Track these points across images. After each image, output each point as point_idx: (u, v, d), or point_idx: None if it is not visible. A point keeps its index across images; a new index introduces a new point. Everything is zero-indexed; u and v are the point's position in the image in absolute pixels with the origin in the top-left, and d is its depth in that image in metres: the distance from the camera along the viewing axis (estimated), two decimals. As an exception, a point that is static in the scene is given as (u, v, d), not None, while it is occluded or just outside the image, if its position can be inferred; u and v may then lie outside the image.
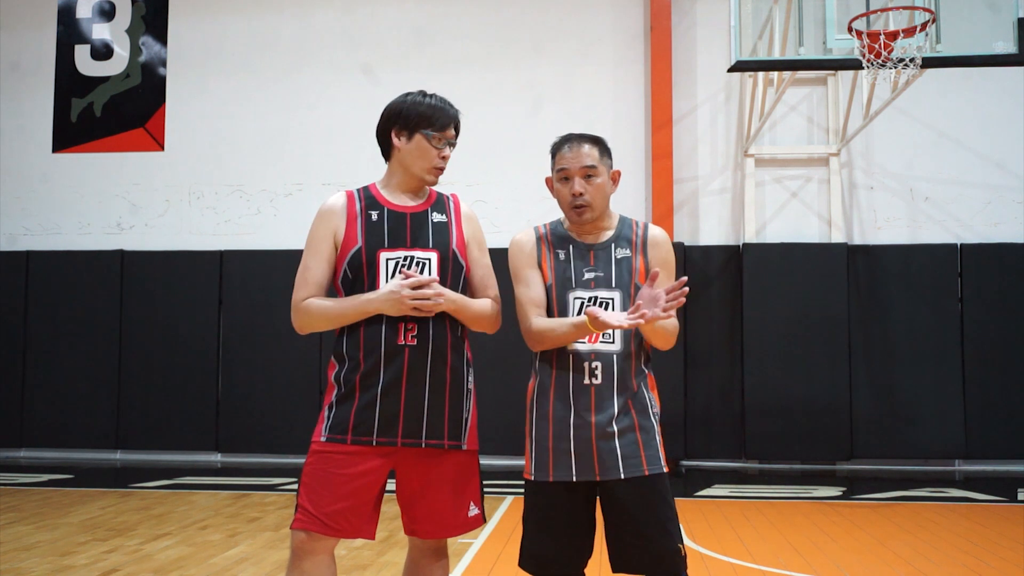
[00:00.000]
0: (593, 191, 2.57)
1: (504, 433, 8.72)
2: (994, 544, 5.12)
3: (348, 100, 9.39)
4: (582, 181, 2.58)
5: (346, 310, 2.47)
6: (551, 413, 2.55)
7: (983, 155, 8.93)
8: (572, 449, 2.51)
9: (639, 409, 2.54)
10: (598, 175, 2.58)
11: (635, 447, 2.51)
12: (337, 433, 2.46)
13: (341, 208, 2.56)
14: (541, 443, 2.57)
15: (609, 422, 2.50)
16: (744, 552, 4.83)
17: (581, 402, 2.52)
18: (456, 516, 2.52)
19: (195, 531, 5.41)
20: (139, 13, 9.82)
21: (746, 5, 6.56)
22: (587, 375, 2.52)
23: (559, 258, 2.61)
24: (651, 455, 2.52)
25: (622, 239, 2.62)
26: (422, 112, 2.55)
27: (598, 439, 2.50)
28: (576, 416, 2.52)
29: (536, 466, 2.58)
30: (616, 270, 2.57)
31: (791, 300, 8.52)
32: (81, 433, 9.20)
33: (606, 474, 2.49)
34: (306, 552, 2.41)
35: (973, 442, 8.38)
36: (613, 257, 2.59)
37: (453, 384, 2.51)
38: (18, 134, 9.87)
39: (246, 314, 9.15)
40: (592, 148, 2.60)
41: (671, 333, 2.55)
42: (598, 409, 2.51)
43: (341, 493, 2.41)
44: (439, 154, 2.55)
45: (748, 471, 8.41)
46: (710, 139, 9.25)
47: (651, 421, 2.56)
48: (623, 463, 2.49)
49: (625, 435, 2.51)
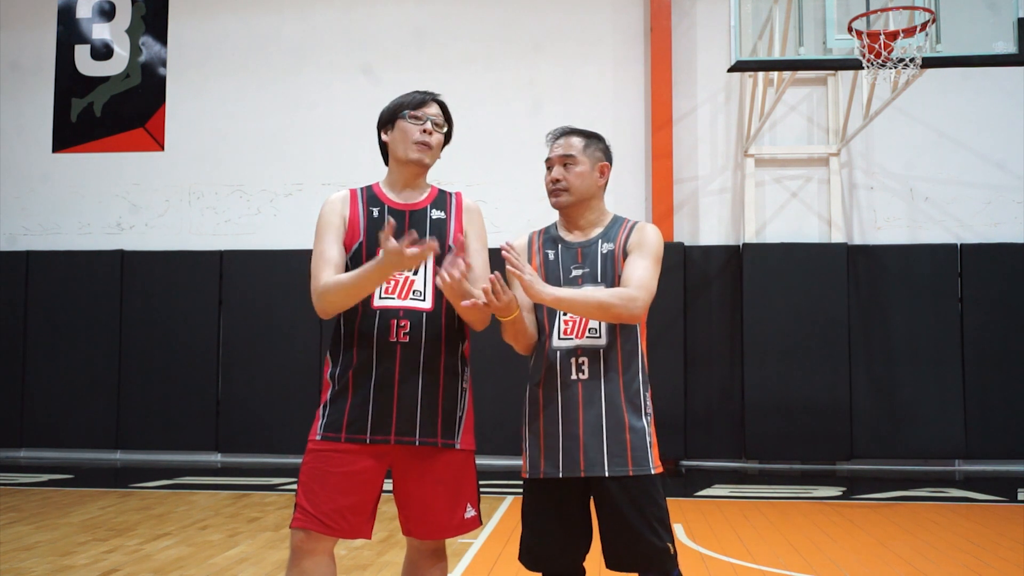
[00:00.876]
0: (571, 177, 2.64)
1: (504, 433, 8.73)
2: (994, 544, 5.12)
3: (348, 100, 9.39)
4: (560, 168, 2.65)
5: (359, 277, 2.40)
6: (541, 410, 2.58)
7: (983, 155, 8.92)
8: (560, 445, 2.53)
9: (629, 406, 2.54)
10: (577, 164, 2.64)
11: (622, 445, 2.51)
12: (332, 432, 2.46)
13: (344, 203, 2.59)
14: (533, 440, 2.59)
15: (596, 418, 2.51)
16: (744, 552, 4.83)
17: (569, 398, 2.53)
18: (452, 517, 2.51)
19: (195, 531, 5.41)
20: (139, 13, 9.82)
21: (746, 5, 6.56)
22: (574, 370, 2.54)
23: (548, 258, 2.66)
24: (638, 455, 2.52)
25: (609, 235, 2.65)
26: (398, 102, 2.62)
27: (585, 435, 2.51)
28: (564, 412, 2.53)
29: (530, 463, 2.60)
30: (602, 265, 2.61)
31: (791, 300, 8.52)
32: (81, 433, 9.20)
33: (591, 470, 2.50)
34: (305, 551, 2.41)
35: (973, 442, 8.38)
36: (599, 253, 2.62)
37: (447, 382, 2.51)
38: (18, 134, 9.87)
39: (246, 314, 9.15)
40: (576, 139, 2.67)
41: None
42: (586, 405, 2.52)
43: (338, 492, 2.42)
44: (420, 129, 2.57)
45: (748, 471, 8.41)
46: (710, 139, 9.25)
47: (641, 420, 2.55)
48: (608, 461, 2.50)
49: (613, 432, 2.51)
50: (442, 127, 2.62)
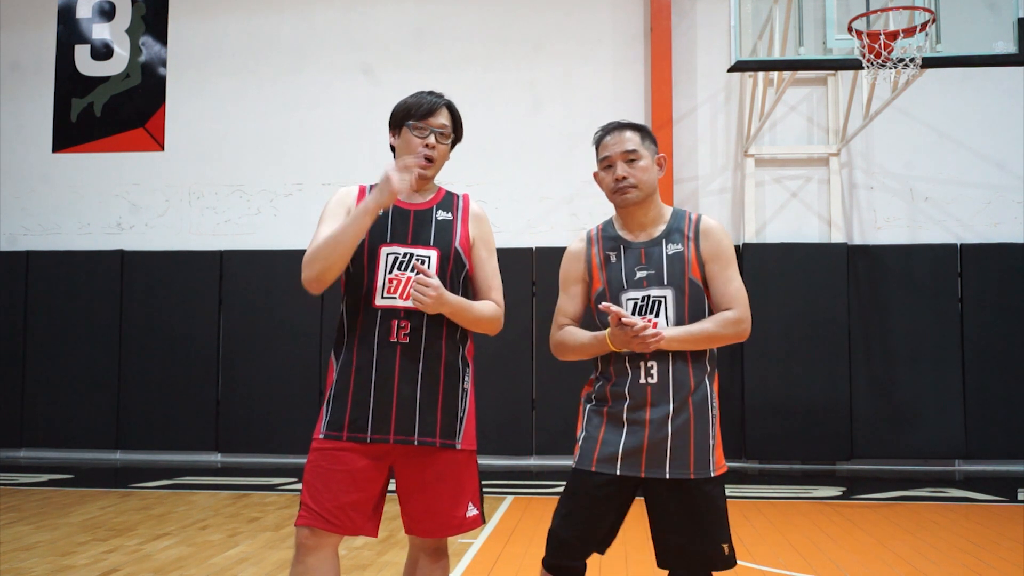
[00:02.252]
0: (638, 173, 2.56)
1: (504, 433, 8.75)
2: (994, 544, 5.12)
3: (348, 100, 9.40)
4: (624, 165, 2.56)
5: (345, 227, 2.40)
6: (606, 411, 2.54)
7: (983, 155, 8.92)
8: (621, 444, 2.49)
9: (697, 410, 2.50)
10: (640, 158, 2.57)
11: (685, 449, 2.48)
12: (334, 430, 2.48)
13: (354, 198, 2.60)
14: (591, 435, 2.55)
15: (664, 421, 2.47)
16: (744, 552, 4.83)
17: (636, 401, 2.50)
18: (453, 516, 2.52)
19: (195, 531, 5.41)
20: (139, 13, 9.82)
21: (746, 5, 6.56)
22: (643, 375, 2.50)
23: (610, 261, 2.59)
24: (700, 458, 2.49)
25: (674, 233, 2.58)
26: (405, 106, 2.59)
27: (650, 438, 2.47)
28: (629, 413, 2.50)
29: (581, 455, 2.56)
30: (668, 266, 2.54)
31: (791, 300, 8.52)
32: (81, 433, 9.20)
33: (652, 472, 2.48)
34: (310, 548, 2.43)
35: (973, 442, 8.38)
36: (664, 253, 2.55)
37: (447, 383, 2.51)
38: (18, 134, 9.87)
39: (246, 314, 9.15)
40: (634, 134, 2.60)
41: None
42: (653, 408, 2.48)
43: (340, 490, 2.43)
44: (422, 143, 2.55)
45: (748, 471, 8.41)
46: (710, 139, 9.25)
47: (708, 423, 2.52)
48: (671, 464, 2.47)
49: (679, 436, 2.48)
50: (448, 137, 2.61)
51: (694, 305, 2.52)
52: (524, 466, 8.61)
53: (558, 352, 2.64)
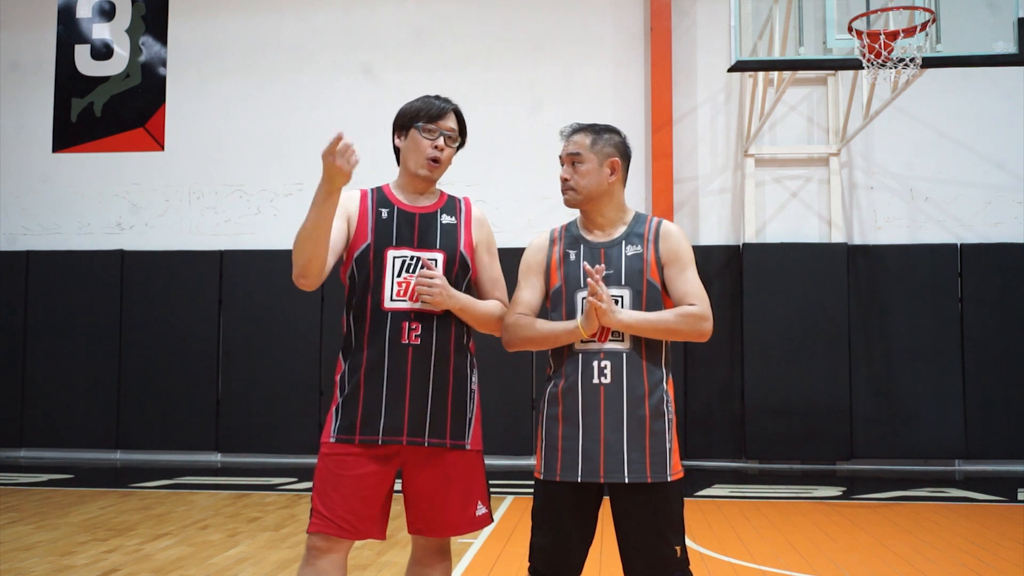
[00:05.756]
0: (577, 176, 2.61)
1: (505, 433, 8.75)
2: (994, 544, 5.12)
3: (348, 100, 9.40)
4: (568, 167, 2.63)
5: (310, 212, 2.42)
6: (560, 413, 2.53)
7: (983, 155, 8.92)
8: (580, 449, 2.49)
9: (652, 412, 2.51)
10: (583, 161, 2.60)
11: (641, 452, 2.48)
12: (345, 434, 2.48)
13: (356, 202, 2.60)
14: (551, 443, 2.55)
15: (618, 423, 2.47)
16: (744, 552, 4.83)
17: (590, 402, 2.49)
18: (463, 515, 2.54)
19: (195, 531, 5.41)
20: (139, 13, 9.82)
21: (746, 5, 6.56)
22: (596, 374, 2.50)
23: (569, 259, 2.61)
24: (657, 461, 2.49)
25: (634, 235, 2.60)
26: (415, 108, 2.61)
27: (606, 440, 2.47)
28: (584, 416, 2.50)
29: (545, 465, 2.56)
30: (626, 267, 2.55)
31: (791, 300, 8.52)
32: (81, 433, 9.20)
33: (610, 476, 2.48)
34: (322, 551, 2.45)
35: (973, 442, 8.38)
36: (624, 254, 2.57)
37: (456, 384, 2.53)
38: (18, 134, 9.87)
39: (246, 314, 9.15)
40: (584, 136, 2.62)
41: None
42: (607, 410, 2.48)
43: (351, 495, 2.44)
44: (431, 144, 2.57)
45: (748, 471, 8.41)
46: (710, 139, 9.25)
47: (663, 426, 2.52)
48: (628, 467, 2.47)
49: (633, 438, 2.48)
50: (455, 141, 2.62)
51: (651, 306, 2.53)
52: (524, 466, 8.60)
53: (512, 341, 2.59)
